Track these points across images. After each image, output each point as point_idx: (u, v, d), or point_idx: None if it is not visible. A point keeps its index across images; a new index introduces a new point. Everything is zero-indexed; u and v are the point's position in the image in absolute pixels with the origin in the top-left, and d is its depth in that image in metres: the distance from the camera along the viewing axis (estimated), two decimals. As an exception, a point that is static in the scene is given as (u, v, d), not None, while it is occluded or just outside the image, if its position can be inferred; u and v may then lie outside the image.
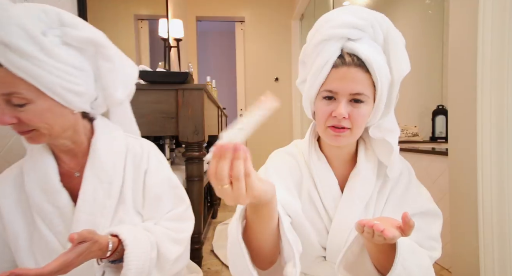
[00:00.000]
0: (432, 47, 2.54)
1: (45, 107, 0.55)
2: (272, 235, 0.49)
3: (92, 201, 0.61)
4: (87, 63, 0.60)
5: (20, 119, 0.53)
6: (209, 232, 1.84)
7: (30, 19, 0.52)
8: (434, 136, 2.39)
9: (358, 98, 0.56)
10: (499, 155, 0.87)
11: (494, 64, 0.87)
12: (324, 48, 0.56)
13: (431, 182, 1.40)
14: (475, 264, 0.97)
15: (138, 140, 0.73)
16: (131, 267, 0.56)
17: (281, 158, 0.69)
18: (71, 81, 0.56)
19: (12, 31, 0.49)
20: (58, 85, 0.54)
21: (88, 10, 1.41)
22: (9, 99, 0.52)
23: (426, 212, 0.63)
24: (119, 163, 0.65)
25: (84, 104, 0.61)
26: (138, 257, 0.57)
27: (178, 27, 2.48)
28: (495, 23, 0.87)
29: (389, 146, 0.61)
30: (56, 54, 0.54)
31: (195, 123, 1.19)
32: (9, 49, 0.49)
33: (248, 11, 4.30)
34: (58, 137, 0.60)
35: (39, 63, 0.51)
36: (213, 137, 2.11)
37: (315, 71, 0.57)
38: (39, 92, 0.53)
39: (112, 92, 0.66)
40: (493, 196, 0.88)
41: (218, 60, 5.69)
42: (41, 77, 0.52)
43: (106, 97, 0.66)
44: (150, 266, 0.59)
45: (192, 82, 1.32)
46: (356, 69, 0.55)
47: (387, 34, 0.59)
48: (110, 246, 0.55)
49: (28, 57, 0.50)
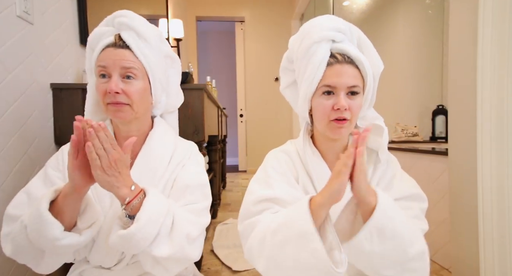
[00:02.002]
0: (432, 47, 2.54)
1: (143, 87, 0.69)
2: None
3: (137, 182, 0.64)
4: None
5: (124, 91, 0.66)
6: (209, 232, 1.84)
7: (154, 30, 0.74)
8: (434, 136, 2.39)
9: (354, 90, 0.62)
10: (499, 155, 0.87)
11: (494, 64, 0.87)
12: (317, 49, 0.62)
13: (431, 182, 1.40)
14: (475, 264, 0.97)
15: (186, 141, 0.83)
16: (143, 216, 0.56)
17: (276, 157, 0.73)
18: (163, 74, 0.74)
19: (145, 27, 0.70)
20: (156, 72, 0.71)
21: (88, 10, 1.41)
22: (125, 73, 0.67)
23: (411, 196, 0.67)
24: (166, 157, 0.74)
25: (159, 96, 0.75)
26: (152, 211, 0.58)
27: (178, 27, 2.48)
28: (495, 22, 0.87)
29: (379, 129, 0.68)
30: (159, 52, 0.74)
31: (195, 123, 1.19)
32: (139, 36, 0.68)
33: (248, 11, 4.29)
34: (138, 118, 0.72)
35: (153, 52, 0.70)
36: (213, 137, 2.11)
37: (311, 71, 0.63)
38: (145, 74, 0.70)
39: (173, 100, 0.83)
40: (493, 196, 0.88)
41: (218, 60, 5.68)
42: (152, 63, 0.69)
43: (167, 103, 0.81)
44: (162, 229, 0.59)
45: (192, 82, 1.32)
46: (348, 66, 0.62)
47: (359, 38, 0.67)
48: (132, 187, 0.59)
49: (149, 46, 0.69)
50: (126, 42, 0.67)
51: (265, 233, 0.57)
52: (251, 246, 0.60)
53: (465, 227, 1.05)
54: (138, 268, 0.71)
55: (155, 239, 0.59)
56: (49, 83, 1.14)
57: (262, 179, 0.69)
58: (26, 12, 1.01)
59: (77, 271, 0.71)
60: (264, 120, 4.36)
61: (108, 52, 0.66)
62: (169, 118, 0.85)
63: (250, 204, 0.65)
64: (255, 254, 0.59)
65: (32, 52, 1.05)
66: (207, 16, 4.30)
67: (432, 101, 2.48)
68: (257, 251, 0.58)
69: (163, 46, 0.75)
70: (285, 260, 0.53)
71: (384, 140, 0.68)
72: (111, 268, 0.70)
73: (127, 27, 0.68)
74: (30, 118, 1.04)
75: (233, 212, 2.28)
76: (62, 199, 0.57)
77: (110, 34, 0.69)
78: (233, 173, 4.34)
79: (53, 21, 1.19)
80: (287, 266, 0.53)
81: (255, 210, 0.64)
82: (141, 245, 0.57)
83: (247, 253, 0.62)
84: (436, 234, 1.32)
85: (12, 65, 0.96)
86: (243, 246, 0.64)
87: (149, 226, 0.57)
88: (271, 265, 0.56)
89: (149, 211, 0.57)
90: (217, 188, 2.24)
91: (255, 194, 0.65)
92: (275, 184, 0.66)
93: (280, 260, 0.54)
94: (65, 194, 0.57)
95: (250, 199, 0.66)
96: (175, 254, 0.60)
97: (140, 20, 0.70)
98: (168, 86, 0.79)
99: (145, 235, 0.56)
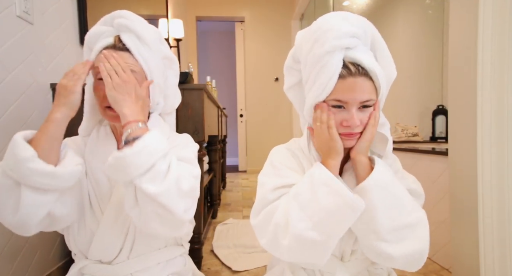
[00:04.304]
0: (432, 47, 2.54)
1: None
2: None
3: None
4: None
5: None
6: (209, 232, 1.84)
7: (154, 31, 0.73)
8: (434, 136, 2.39)
9: (367, 104, 0.59)
10: (499, 155, 0.87)
11: (494, 64, 0.87)
12: (330, 61, 0.57)
13: (431, 182, 1.40)
14: (475, 264, 0.97)
15: (181, 134, 0.82)
16: (139, 143, 0.57)
17: (282, 152, 0.71)
18: (161, 76, 0.73)
19: (146, 29, 0.69)
20: (156, 75, 0.71)
21: (88, 10, 1.41)
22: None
23: (410, 190, 0.66)
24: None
25: (157, 98, 0.75)
26: (150, 143, 0.58)
27: (178, 27, 2.48)
28: (495, 22, 0.87)
29: (384, 137, 0.67)
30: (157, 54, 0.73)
31: (195, 123, 1.19)
32: (139, 39, 0.67)
33: (248, 11, 4.29)
34: None
35: (152, 54, 0.69)
36: (213, 137, 2.11)
37: (322, 82, 0.58)
38: (144, 78, 0.69)
39: (171, 101, 0.81)
40: (493, 196, 0.88)
41: (218, 60, 5.68)
42: (151, 66, 0.69)
43: (165, 105, 0.80)
44: (156, 165, 0.58)
45: (192, 82, 1.32)
46: (362, 78, 0.57)
47: (373, 38, 0.62)
48: (140, 124, 0.61)
49: (149, 49, 0.69)
50: (126, 45, 0.66)
51: (289, 202, 0.58)
52: (276, 224, 0.58)
53: (465, 227, 1.05)
54: (138, 263, 0.71)
55: (146, 172, 0.57)
56: (49, 83, 1.14)
57: (271, 173, 0.67)
58: (26, 12, 1.01)
59: (77, 268, 0.71)
60: (264, 120, 4.36)
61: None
62: (167, 118, 0.84)
63: (267, 193, 0.63)
64: (281, 231, 0.57)
65: (32, 52, 1.05)
66: (207, 16, 4.30)
67: (432, 101, 2.48)
68: (284, 225, 0.57)
69: (162, 47, 0.75)
70: (315, 213, 0.55)
71: (388, 148, 0.67)
72: (111, 263, 0.70)
73: (128, 29, 0.67)
74: (30, 118, 1.04)
75: (233, 212, 2.28)
76: (39, 134, 0.60)
77: (109, 35, 0.68)
78: (233, 173, 4.34)
79: (53, 21, 1.19)
80: (317, 219, 0.55)
81: (272, 197, 0.62)
82: (131, 171, 0.55)
83: (271, 237, 0.59)
84: (436, 234, 1.32)
85: (12, 65, 0.96)
86: (260, 237, 0.62)
87: (143, 155, 0.56)
88: (301, 228, 0.55)
89: (147, 142, 0.57)
90: (217, 188, 2.23)
91: (270, 183, 0.64)
92: (287, 174, 0.65)
93: (310, 216, 0.56)
94: (51, 121, 0.60)
95: (266, 189, 0.63)
96: (160, 195, 0.57)
97: (140, 22, 0.70)
98: (166, 88, 0.79)
99: (137, 161, 0.55)
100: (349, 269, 0.66)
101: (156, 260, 0.74)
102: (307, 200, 0.57)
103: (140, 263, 0.71)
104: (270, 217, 0.60)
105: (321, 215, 0.55)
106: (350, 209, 0.54)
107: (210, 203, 2.21)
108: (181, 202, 0.61)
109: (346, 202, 0.54)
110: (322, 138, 0.61)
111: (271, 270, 0.79)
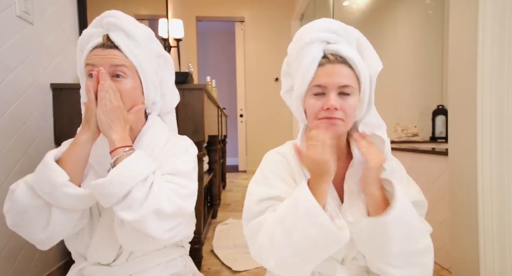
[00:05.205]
0: (432, 47, 2.54)
1: (133, 86, 0.69)
2: None
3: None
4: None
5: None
6: (209, 232, 1.84)
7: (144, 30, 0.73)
8: (434, 136, 2.39)
9: (346, 91, 0.61)
10: (499, 155, 0.87)
11: (494, 64, 0.87)
12: (309, 50, 0.62)
13: (431, 182, 1.40)
14: (475, 264, 0.97)
15: (180, 137, 0.81)
16: (117, 169, 0.59)
17: (272, 158, 0.72)
18: (154, 74, 0.74)
19: (134, 27, 0.69)
20: (147, 71, 0.71)
21: (88, 10, 1.41)
22: (114, 71, 0.67)
23: (415, 202, 0.67)
24: (156, 151, 0.73)
25: (153, 98, 0.75)
26: (128, 168, 0.59)
27: (178, 27, 2.48)
28: (495, 23, 0.87)
29: (381, 139, 0.67)
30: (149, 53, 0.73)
31: (195, 123, 1.19)
32: (128, 36, 0.68)
33: (248, 11, 4.29)
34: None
35: (143, 51, 0.70)
36: (213, 137, 2.11)
37: (302, 71, 0.62)
38: (135, 73, 0.69)
39: (168, 100, 0.81)
40: (493, 196, 0.88)
41: (218, 60, 5.68)
42: (142, 61, 0.69)
43: (162, 104, 0.80)
44: (134, 191, 0.59)
45: (192, 82, 1.32)
46: (340, 65, 0.61)
47: (358, 40, 0.65)
48: (127, 149, 0.62)
49: (139, 46, 0.69)
50: (115, 43, 0.66)
51: (273, 225, 0.58)
52: (261, 244, 0.60)
53: (465, 227, 1.05)
54: (137, 264, 0.71)
55: (122, 200, 0.59)
56: (49, 83, 1.14)
57: (261, 180, 0.68)
58: (26, 12, 1.01)
59: (77, 269, 0.71)
60: (264, 120, 4.36)
61: (96, 52, 0.66)
62: (166, 118, 0.84)
63: (252, 204, 0.65)
64: (266, 251, 0.59)
65: (32, 52, 1.05)
66: (207, 16, 4.30)
67: (432, 101, 2.48)
68: (268, 246, 0.58)
69: (154, 46, 0.75)
70: (298, 242, 0.55)
71: (386, 150, 0.66)
72: (111, 265, 0.70)
73: (116, 28, 0.67)
74: (30, 118, 1.04)
75: (233, 212, 2.28)
76: (67, 155, 0.62)
77: (98, 35, 0.68)
78: (233, 173, 4.34)
79: (53, 21, 1.19)
80: (300, 248, 0.55)
81: (258, 209, 0.63)
82: (108, 199, 0.58)
83: (257, 252, 0.61)
84: (436, 234, 1.32)
85: (12, 65, 0.96)
86: (250, 247, 0.64)
87: (116, 184, 0.57)
88: (285, 254, 0.56)
89: (121, 170, 0.58)
90: (217, 188, 2.23)
91: (256, 194, 0.65)
92: (275, 184, 0.66)
93: (293, 244, 0.55)
94: (77, 143, 0.63)
95: (252, 199, 0.65)
96: (136, 222, 0.58)
97: (128, 20, 0.70)
98: (162, 87, 0.79)
99: (112, 190, 0.57)
100: (348, 271, 0.66)
101: (156, 261, 0.74)
102: (292, 226, 0.56)
103: (139, 264, 0.71)
104: (257, 232, 0.61)
105: (304, 244, 0.55)
106: (334, 241, 0.55)
107: (210, 203, 2.21)
108: (162, 224, 0.62)
109: (330, 235, 0.54)
110: (315, 156, 0.58)
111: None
